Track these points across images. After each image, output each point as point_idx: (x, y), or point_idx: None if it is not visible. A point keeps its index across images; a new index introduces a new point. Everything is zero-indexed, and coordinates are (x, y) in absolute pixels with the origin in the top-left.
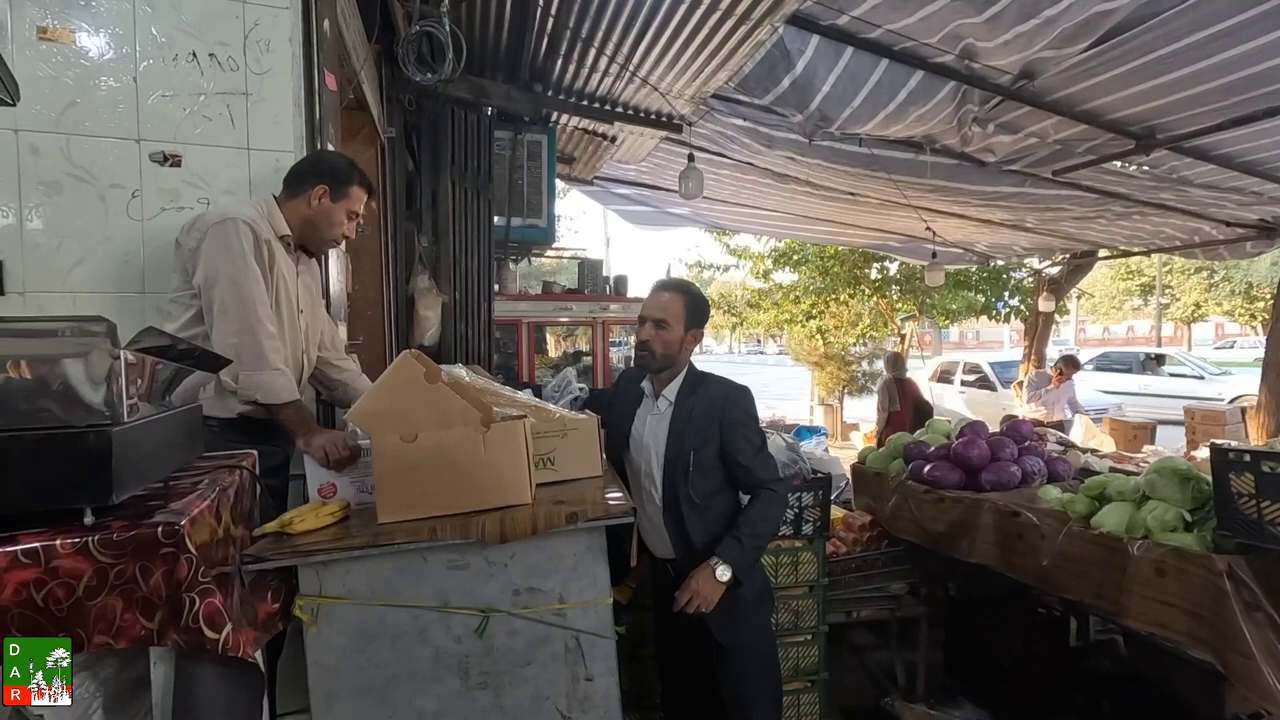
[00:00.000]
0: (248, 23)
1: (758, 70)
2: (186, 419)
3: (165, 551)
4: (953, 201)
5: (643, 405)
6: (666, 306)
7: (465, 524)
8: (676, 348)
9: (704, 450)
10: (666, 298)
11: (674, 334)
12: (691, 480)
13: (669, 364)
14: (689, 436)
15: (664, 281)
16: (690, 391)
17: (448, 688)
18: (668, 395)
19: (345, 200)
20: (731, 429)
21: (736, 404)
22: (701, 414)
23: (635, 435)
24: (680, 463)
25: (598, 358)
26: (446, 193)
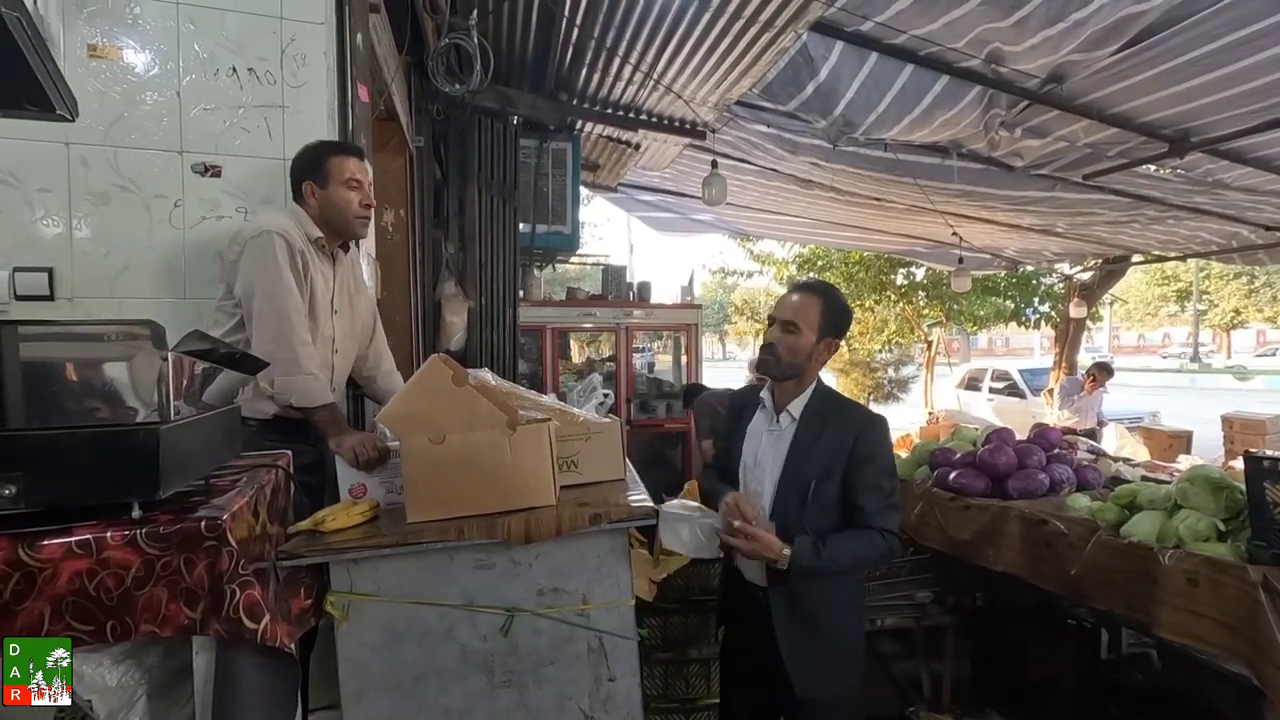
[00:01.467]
0: (285, 38)
1: (781, 77)
2: (226, 419)
3: (208, 545)
4: (980, 206)
5: (758, 418)
6: (799, 309)
7: (491, 524)
8: (804, 357)
9: (826, 484)
10: (799, 299)
11: (804, 340)
12: (808, 516)
13: (794, 374)
14: (811, 465)
15: (801, 281)
16: (817, 411)
17: (473, 686)
18: (791, 411)
19: (332, 178)
20: (860, 467)
21: (872, 438)
22: (830, 442)
23: (747, 451)
24: (796, 492)
25: (620, 364)
26: (473, 201)
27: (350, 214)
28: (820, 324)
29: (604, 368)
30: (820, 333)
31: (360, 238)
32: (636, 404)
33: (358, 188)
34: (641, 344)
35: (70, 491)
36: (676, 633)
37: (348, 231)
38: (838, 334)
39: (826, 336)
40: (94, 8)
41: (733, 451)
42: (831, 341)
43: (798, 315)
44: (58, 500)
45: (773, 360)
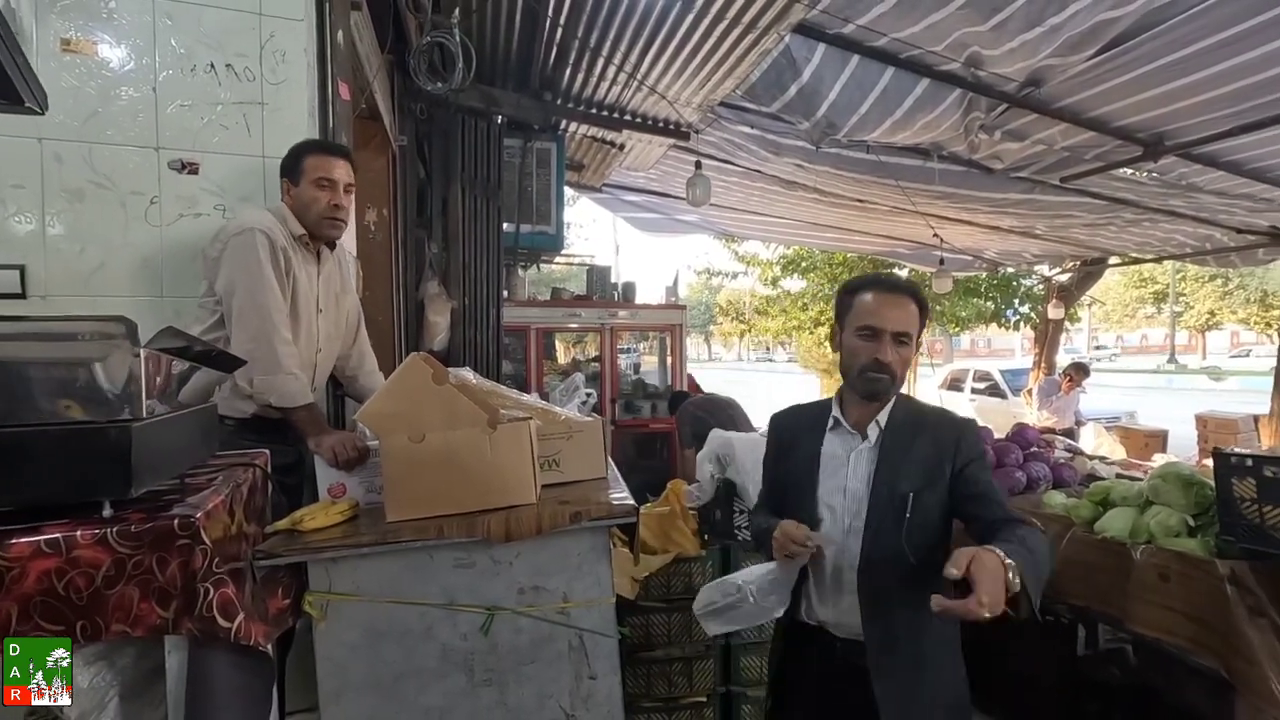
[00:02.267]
0: (264, 34)
1: (765, 78)
2: (202, 417)
3: (181, 543)
4: (961, 208)
5: (831, 442)
6: (910, 319)
7: (471, 523)
8: (908, 368)
9: (926, 494)
10: (910, 307)
11: (912, 352)
12: (908, 531)
13: (895, 390)
14: (905, 475)
15: (900, 283)
16: (903, 421)
17: (454, 685)
18: (879, 422)
19: (305, 176)
20: (969, 469)
21: (973, 440)
22: (924, 450)
23: (826, 481)
24: (892, 509)
25: (605, 364)
26: (457, 200)
27: (316, 213)
28: (918, 329)
29: (589, 368)
30: (916, 339)
31: (328, 239)
32: (621, 404)
33: (328, 187)
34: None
35: (40, 490)
36: (659, 631)
37: (319, 233)
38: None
39: (918, 343)
40: (67, 1)
41: (789, 486)
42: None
43: (910, 326)
44: (27, 499)
45: (888, 380)
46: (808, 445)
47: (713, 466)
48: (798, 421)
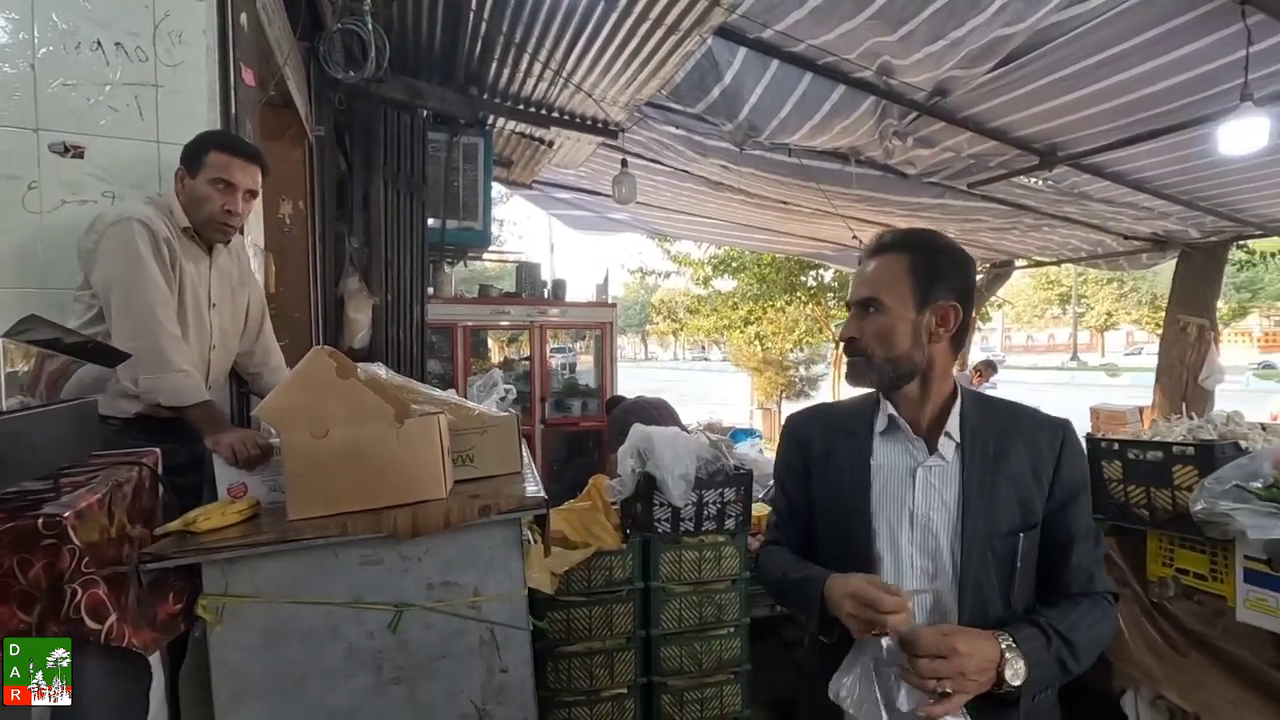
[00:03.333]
0: (158, 13)
1: (689, 79)
2: (78, 412)
3: (47, 544)
4: (879, 211)
5: (884, 449)
6: (875, 277)
7: (377, 519)
8: (909, 343)
9: (1032, 533)
10: (873, 265)
11: (896, 319)
12: (1016, 585)
13: (904, 374)
14: (1005, 506)
15: (878, 240)
16: (981, 424)
17: (360, 684)
18: (953, 434)
19: (204, 171)
20: (1071, 500)
21: (1076, 452)
22: (1019, 466)
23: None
24: (993, 555)
25: (535, 363)
26: (379, 194)
27: (206, 214)
28: (915, 288)
29: (521, 367)
30: (919, 300)
31: (212, 242)
32: (552, 403)
33: (225, 190)
34: (564, 344)
35: None
36: (580, 625)
37: (206, 231)
38: (950, 295)
39: (934, 302)
40: None
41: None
42: (945, 308)
43: (877, 287)
44: None
45: (861, 362)
46: (849, 454)
47: (633, 461)
48: (828, 424)
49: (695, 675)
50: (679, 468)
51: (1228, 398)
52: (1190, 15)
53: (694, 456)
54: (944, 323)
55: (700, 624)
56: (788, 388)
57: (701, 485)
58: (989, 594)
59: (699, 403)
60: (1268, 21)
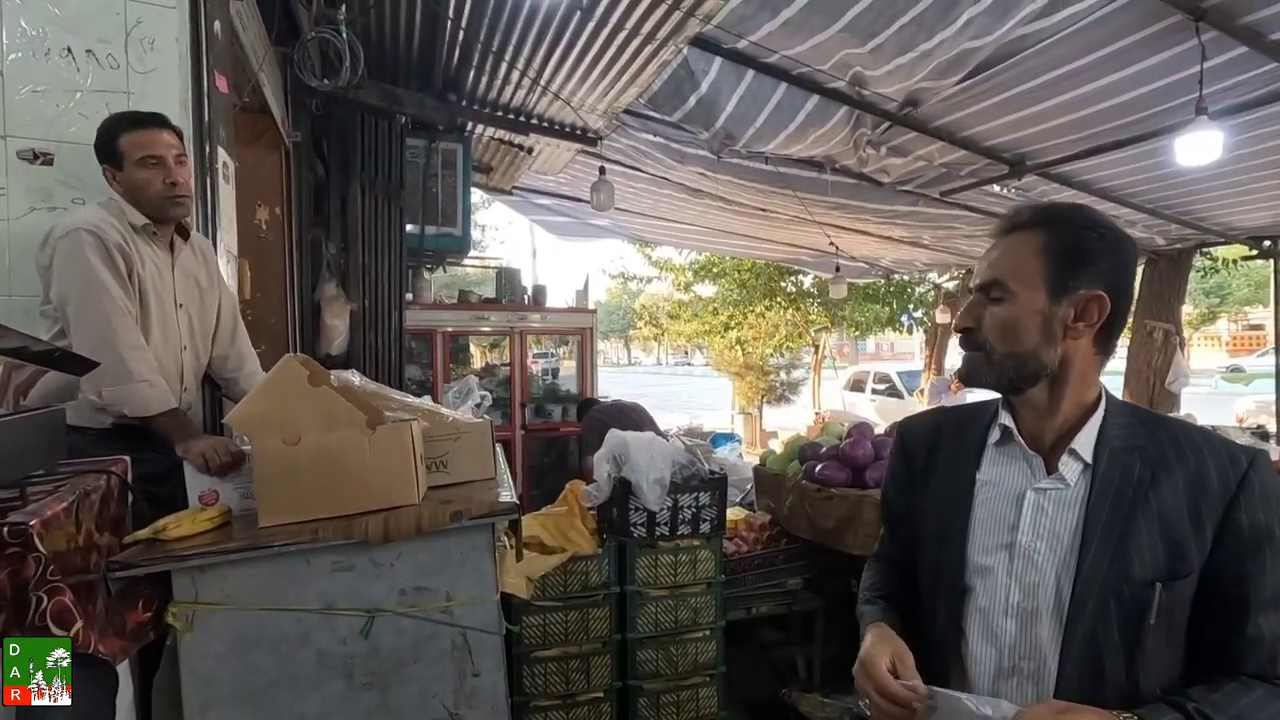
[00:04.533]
0: (129, 20)
1: (666, 88)
2: (44, 420)
3: (12, 551)
4: (855, 218)
5: (995, 462)
6: (1004, 259)
7: (349, 525)
8: (1039, 338)
9: (1180, 585)
10: (1003, 243)
11: (1025, 308)
12: (1147, 648)
13: (1029, 374)
14: (1143, 548)
15: (1011, 216)
16: (1129, 445)
17: (332, 690)
18: (1081, 453)
19: (127, 158)
20: (1252, 552)
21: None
22: (1174, 499)
23: (984, 530)
24: (1121, 606)
25: (515, 368)
26: (356, 199)
27: (153, 196)
28: (1049, 272)
29: (503, 372)
30: (1054, 287)
31: (173, 220)
32: (532, 408)
33: (156, 165)
34: (546, 349)
35: None
36: (556, 630)
37: (159, 215)
38: (1096, 283)
39: (1073, 290)
40: None
41: (919, 529)
42: (1086, 298)
43: (1002, 269)
44: None
45: (978, 357)
46: (955, 467)
47: (609, 466)
48: (939, 431)
49: (671, 678)
50: (654, 472)
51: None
52: (1147, 31)
53: (669, 461)
54: (1084, 315)
55: (676, 627)
56: (768, 392)
57: (677, 490)
58: (1107, 654)
59: (681, 408)
60: (1220, 38)
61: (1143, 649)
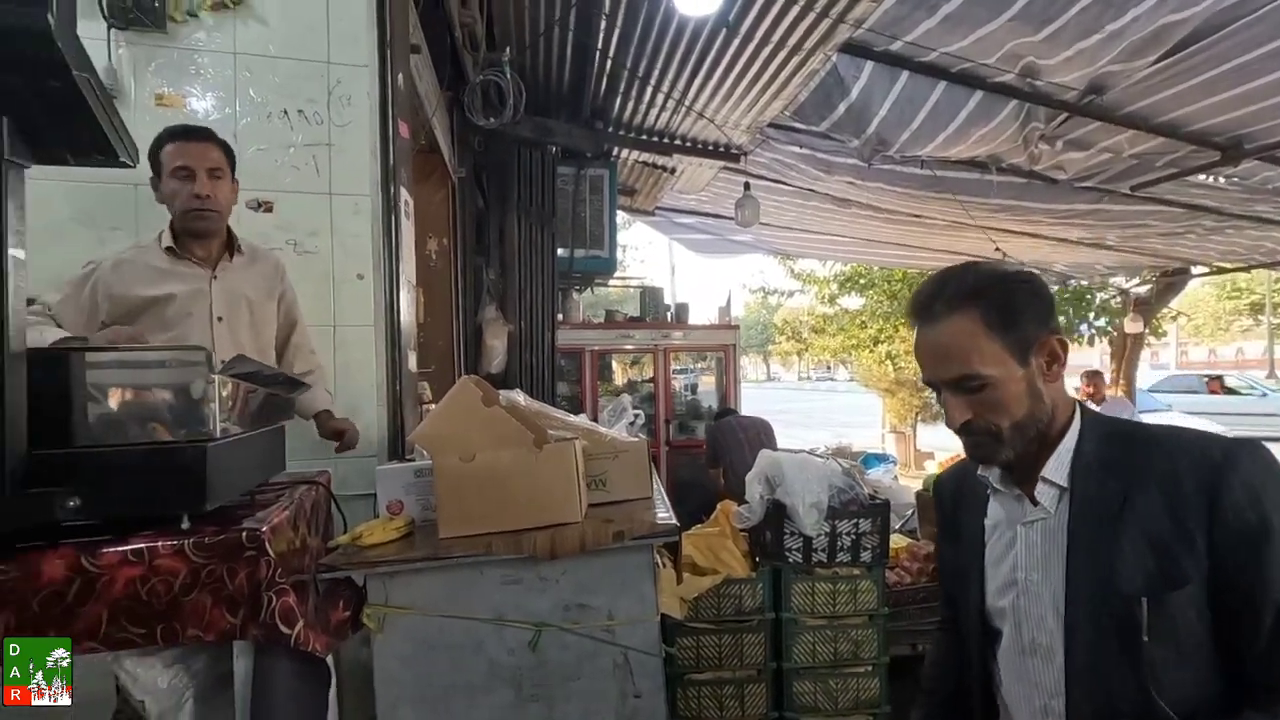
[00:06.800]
0: (331, 81)
1: (813, 98)
2: (270, 438)
3: (248, 554)
4: (1024, 221)
5: (995, 506)
6: (956, 347)
7: (518, 540)
8: (1029, 403)
9: (1176, 597)
10: (944, 330)
11: (1006, 386)
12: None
13: (1033, 435)
14: (1125, 560)
15: (924, 305)
16: (1101, 458)
17: (502, 699)
18: (1053, 479)
19: (164, 167)
20: (1244, 548)
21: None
22: (1151, 509)
23: (994, 573)
24: (1114, 623)
25: (659, 385)
26: (513, 228)
27: (178, 207)
28: (1006, 340)
29: (645, 389)
30: (1018, 351)
31: (202, 233)
32: (675, 425)
33: (187, 177)
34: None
35: (126, 504)
36: (709, 653)
37: (185, 229)
38: (1043, 326)
39: (1033, 344)
40: (162, 60)
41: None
42: (1048, 343)
43: (963, 360)
44: (115, 512)
45: (991, 444)
46: (970, 516)
47: (761, 487)
48: (962, 482)
49: (830, 714)
50: (810, 495)
51: None
52: None
53: (826, 484)
54: (1055, 358)
55: (835, 660)
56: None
57: (835, 515)
58: (1113, 677)
59: (824, 425)
60: None
61: (1150, 667)
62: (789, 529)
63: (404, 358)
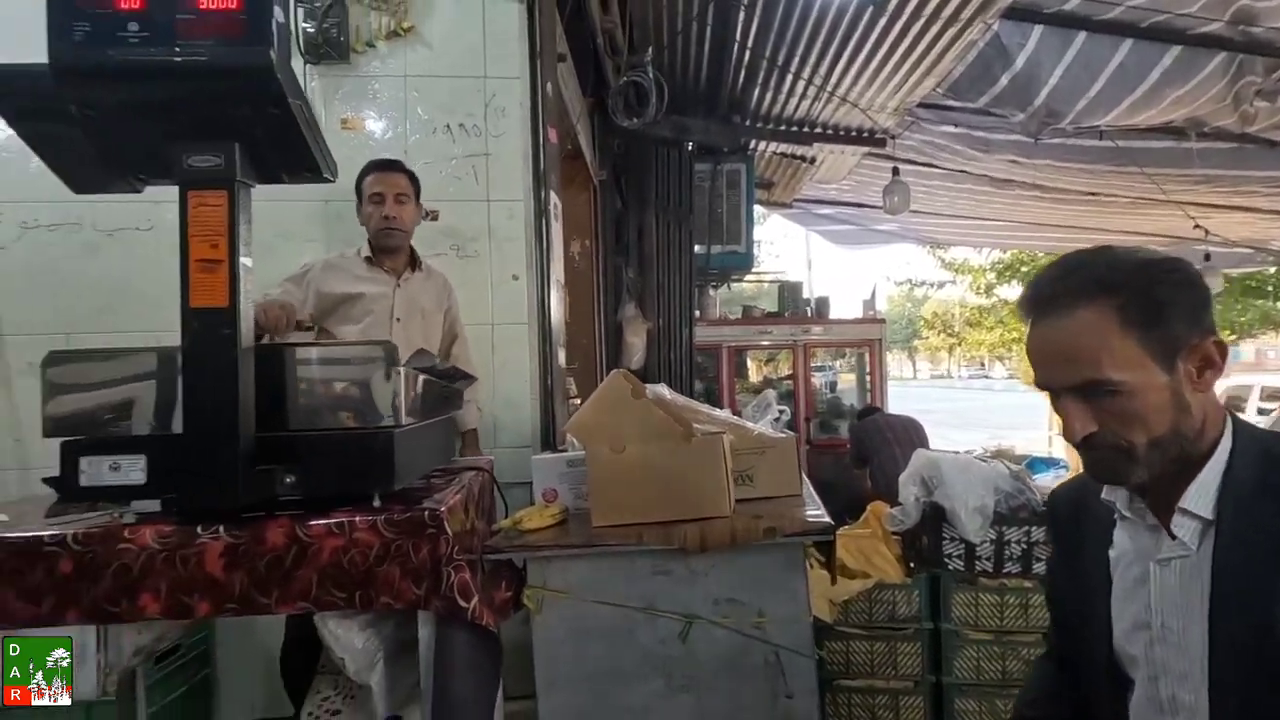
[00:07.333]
0: (488, 94)
1: (970, 72)
2: (444, 426)
3: (429, 532)
4: (1233, 193)
5: (1122, 535)
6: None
7: (668, 532)
8: (1170, 415)
9: None
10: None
11: (1141, 395)
12: None
13: (1175, 454)
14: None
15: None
16: (1265, 490)
17: (653, 687)
18: (1193, 510)
19: (363, 194)
20: None
21: None
22: None
23: (1122, 611)
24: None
25: (799, 381)
26: (651, 227)
27: (373, 228)
28: (1148, 341)
29: (781, 386)
30: (1163, 354)
31: (389, 247)
32: (816, 423)
33: (379, 202)
34: (822, 362)
35: (329, 483)
36: (860, 660)
37: (378, 244)
38: (1196, 326)
39: (1183, 347)
40: (346, 88)
41: (1069, 617)
42: (1201, 347)
43: (1094, 363)
44: (319, 489)
45: (1120, 462)
46: (1092, 544)
47: (917, 489)
48: (1083, 500)
49: None
50: (973, 499)
51: None
52: None
53: (991, 487)
54: (1208, 363)
55: (1004, 679)
56: None
57: (1001, 521)
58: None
59: (978, 425)
60: None
61: None
62: (948, 534)
63: (554, 354)
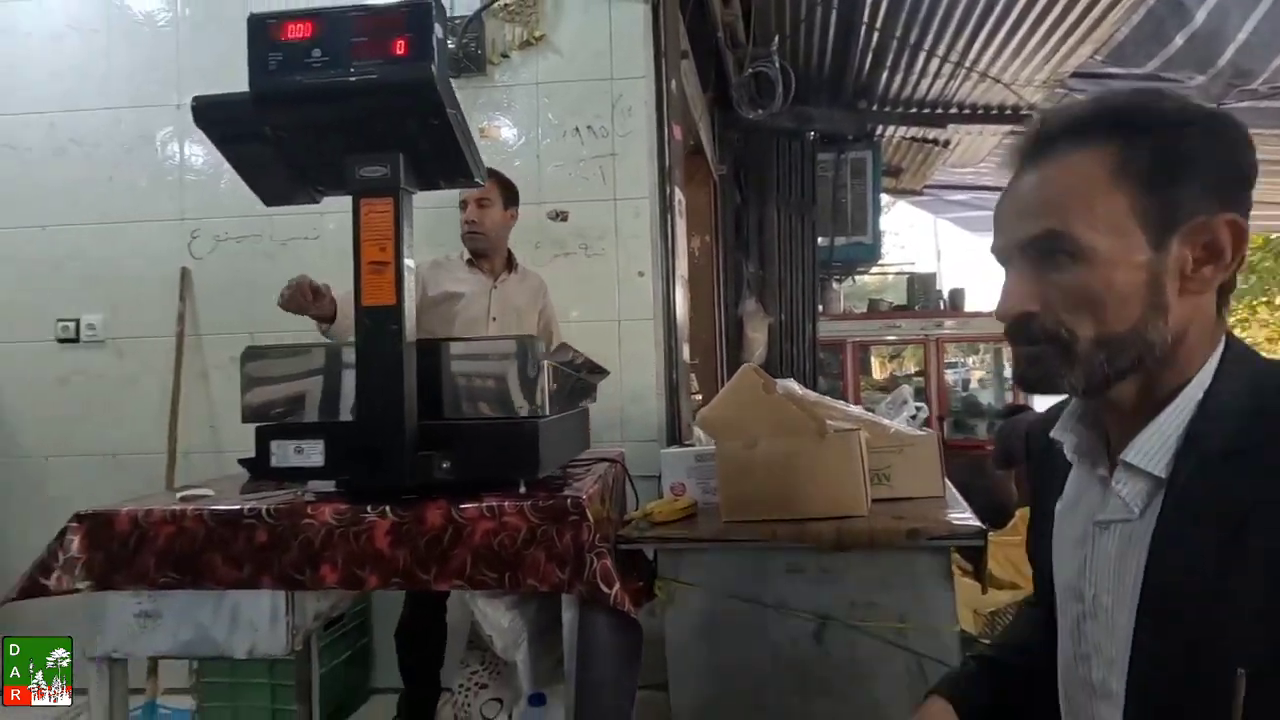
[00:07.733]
0: (615, 95)
1: (1136, 34)
2: (580, 418)
3: (572, 519)
4: None
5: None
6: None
7: (801, 529)
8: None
9: None
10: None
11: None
12: None
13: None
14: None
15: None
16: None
17: (787, 687)
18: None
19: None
20: None
21: None
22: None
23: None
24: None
25: (931, 379)
26: (772, 220)
27: (461, 229)
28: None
29: (912, 383)
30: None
31: (473, 249)
32: (951, 422)
33: (463, 208)
34: (954, 358)
35: (479, 468)
36: None
37: (468, 246)
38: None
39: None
40: (483, 99)
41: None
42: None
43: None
44: (471, 475)
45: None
46: (1050, 493)
47: None
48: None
49: None
50: None
51: None
52: None
53: None
54: (1214, 252)
55: None
56: None
57: None
58: None
59: None
60: None
61: None
62: None
63: (678, 349)
